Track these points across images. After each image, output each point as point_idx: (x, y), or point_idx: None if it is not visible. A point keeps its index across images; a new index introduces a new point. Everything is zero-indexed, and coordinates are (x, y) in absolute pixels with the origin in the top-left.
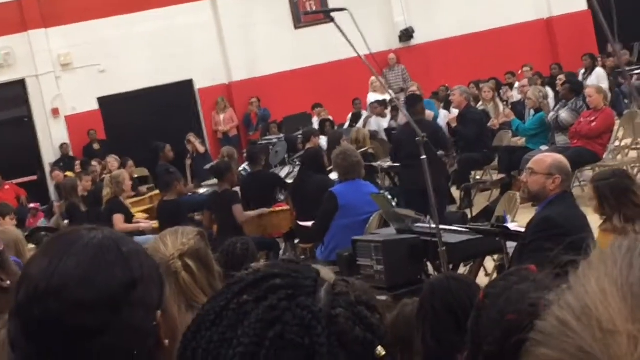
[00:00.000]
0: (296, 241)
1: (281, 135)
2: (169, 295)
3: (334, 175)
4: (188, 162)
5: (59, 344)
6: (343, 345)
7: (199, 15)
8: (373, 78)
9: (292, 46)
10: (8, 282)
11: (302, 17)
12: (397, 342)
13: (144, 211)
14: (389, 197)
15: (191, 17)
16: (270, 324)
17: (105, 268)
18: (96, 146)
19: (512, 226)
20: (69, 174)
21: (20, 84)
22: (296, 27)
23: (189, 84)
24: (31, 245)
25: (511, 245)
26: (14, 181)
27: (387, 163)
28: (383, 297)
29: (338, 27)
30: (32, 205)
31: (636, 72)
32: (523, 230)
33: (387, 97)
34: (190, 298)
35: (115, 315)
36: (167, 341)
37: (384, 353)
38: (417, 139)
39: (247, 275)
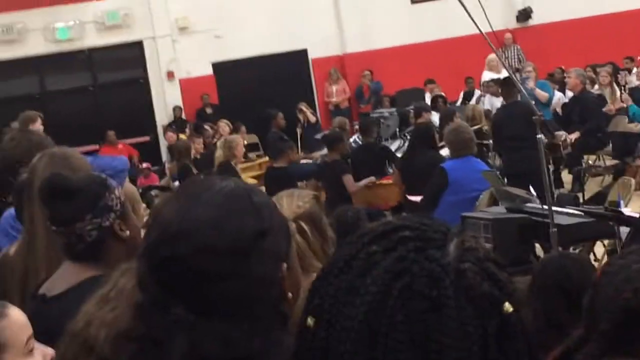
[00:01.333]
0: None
1: (393, 109)
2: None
3: (444, 152)
4: (299, 131)
5: (186, 286)
6: (470, 300)
7: None
8: (490, 56)
9: (408, 20)
10: (128, 232)
11: None
12: None
13: (253, 177)
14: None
15: None
16: (398, 275)
17: (236, 215)
18: (209, 110)
19: (626, 211)
20: (182, 136)
21: (138, 45)
22: (413, 2)
23: (303, 53)
24: (143, 205)
25: (624, 231)
26: (127, 141)
27: None
28: None
29: (461, 2)
30: (144, 165)
31: None
32: (638, 215)
33: (502, 75)
34: (303, 262)
35: (243, 263)
36: (290, 294)
37: (511, 310)
38: (533, 117)
39: (377, 226)
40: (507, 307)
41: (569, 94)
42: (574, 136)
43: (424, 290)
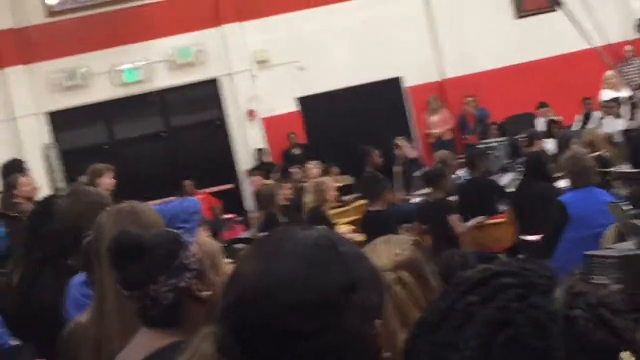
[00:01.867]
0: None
1: (502, 139)
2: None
3: (562, 183)
4: (397, 168)
5: (269, 347)
6: (582, 350)
7: (407, 5)
8: (608, 73)
9: (513, 38)
10: (207, 293)
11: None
12: None
13: (348, 222)
14: (626, 207)
15: (398, 8)
16: (500, 326)
17: (321, 268)
18: (296, 151)
19: None
20: (268, 181)
21: (213, 83)
22: (517, 17)
23: (396, 82)
24: (226, 260)
25: None
26: (207, 190)
27: (624, 168)
28: None
29: (567, 14)
30: (227, 216)
31: None
32: None
33: (622, 94)
34: (404, 315)
35: (331, 320)
36: (388, 354)
37: (633, 359)
38: None
39: (474, 274)
40: (627, 356)
41: None
42: None
43: (529, 341)
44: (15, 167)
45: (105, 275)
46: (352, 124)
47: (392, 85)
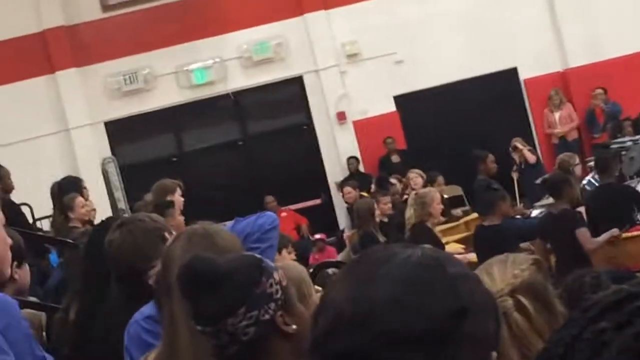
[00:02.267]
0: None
1: (637, 137)
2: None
3: None
4: (514, 175)
5: None
6: None
7: None
8: None
9: None
10: (294, 327)
11: None
12: None
13: (458, 240)
14: None
15: None
16: (637, 357)
17: (425, 292)
18: (395, 158)
19: None
20: (362, 194)
21: (296, 82)
22: None
23: (511, 73)
24: (317, 287)
25: None
26: (292, 207)
27: None
28: None
29: None
30: (316, 236)
31: None
32: None
33: None
34: (524, 347)
35: (437, 351)
36: None
37: None
38: None
39: (605, 297)
40: None
41: None
42: None
43: None
44: (71, 185)
45: (175, 308)
46: (459, 125)
47: (507, 77)
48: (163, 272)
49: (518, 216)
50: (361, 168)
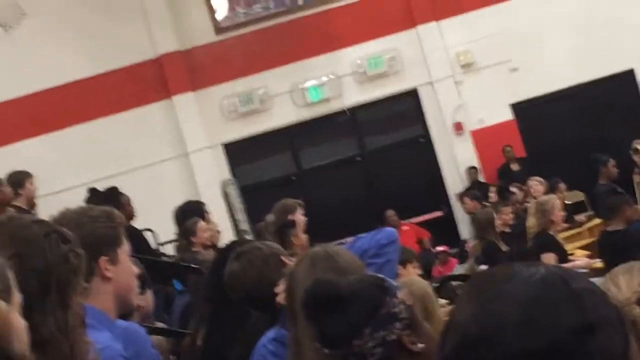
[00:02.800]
0: None
1: None
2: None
3: None
4: (636, 178)
5: None
6: None
7: None
8: None
9: None
10: (420, 345)
11: None
12: None
13: (582, 247)
14: None
15: None
16: None
17: (551, 309)
18: (514, 167)
19: None
20: (485, 204)
21: (411, 95)
22: None
23: (629, 75)
24: (442, 300)
25: None
26: (413, 220)
27: None
28: None
29: None
30: (439, 248)
31: None
32: None
33: None
34: None
35: None
36: None
37: None
38: None
39: None
40: None
41: None
42: None
43: None
44: (193, 210)
45: (301, 332)
46: (578, 129)
47: (625, 79)
48: (287, 296)
49: None
50: (481, 178)
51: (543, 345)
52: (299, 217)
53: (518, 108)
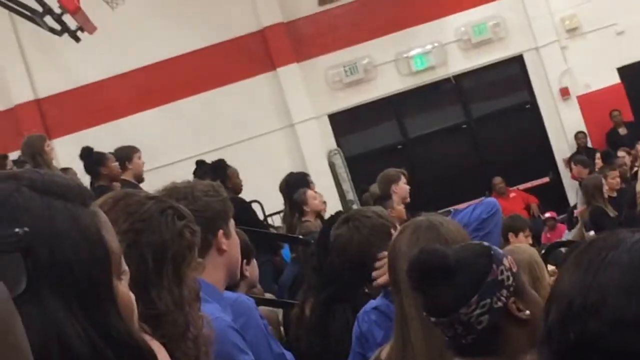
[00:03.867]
0: None
1: None
2: None
3: None
4: None
5: None
6: None
7: None
8: None
9: None
10: (527, 312)
11: None
12: None
13: None
14: None
15: None
16: None
17: None
18: (622, 131)
19: None
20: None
21: (517, 61)
22: None
23: None
24: (550, 267)
25: None
26: (521, 187)
27: None
28: None
29: None
30: (547, 214)
31: None
32: None
33: None
34: None
35: None
36: None
37: None
38: None
39: None
40: None
41: None
42: None
43: None
44: (298, 181)
45: (406, 302)
46: None
47: None
48: (390, 267)
49: None
50: (589, 143)
51: None
52: (402, 186)
53: (624, 72)
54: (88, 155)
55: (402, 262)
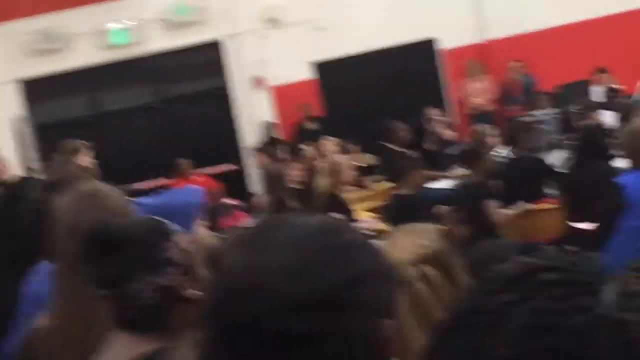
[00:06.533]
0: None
1: (552, 110)
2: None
3: (622, 162)
4: (428, 145)
5: (260, 352)
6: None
7: None
8: None
9: None
10: (196, 292)
11: None
12: None
13: (372, 209)
14: None
15: None
16: (537, 332)
17: (320, 260)
18: (311, 125)
19: None
20: (276, 160)
21: (215, 46)
22: None
23: (429, 44)
24: None
25: None
26: (205, 170)
27: None
28: None
29: None
30: (227, 201)
31: None
32: None
33: None
34: (427, 317)
35: (332, 320)
36: None
37: None
38: None
39: (509, 269)
40: None
41: None
42: None
43: (573, 350)
44: None
45: (71, 270)
46: (377, 93)
47: (425, 47)
48: (52, 234)
49: (433, 185)
50: (277, 134)
51: (311, 296)
52: (84, 158)
53: (320, 67)
54: None
55: (62, 229)
